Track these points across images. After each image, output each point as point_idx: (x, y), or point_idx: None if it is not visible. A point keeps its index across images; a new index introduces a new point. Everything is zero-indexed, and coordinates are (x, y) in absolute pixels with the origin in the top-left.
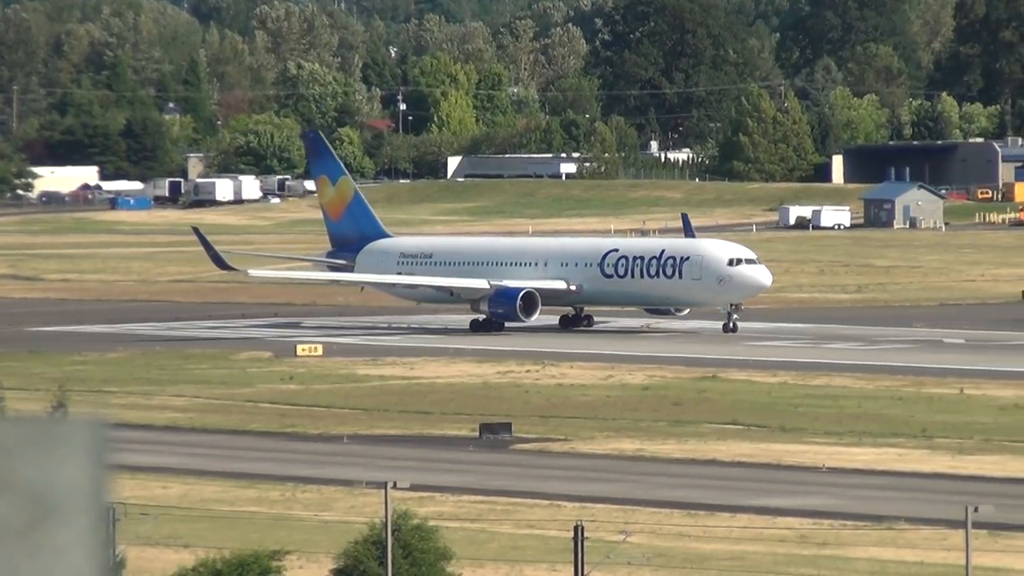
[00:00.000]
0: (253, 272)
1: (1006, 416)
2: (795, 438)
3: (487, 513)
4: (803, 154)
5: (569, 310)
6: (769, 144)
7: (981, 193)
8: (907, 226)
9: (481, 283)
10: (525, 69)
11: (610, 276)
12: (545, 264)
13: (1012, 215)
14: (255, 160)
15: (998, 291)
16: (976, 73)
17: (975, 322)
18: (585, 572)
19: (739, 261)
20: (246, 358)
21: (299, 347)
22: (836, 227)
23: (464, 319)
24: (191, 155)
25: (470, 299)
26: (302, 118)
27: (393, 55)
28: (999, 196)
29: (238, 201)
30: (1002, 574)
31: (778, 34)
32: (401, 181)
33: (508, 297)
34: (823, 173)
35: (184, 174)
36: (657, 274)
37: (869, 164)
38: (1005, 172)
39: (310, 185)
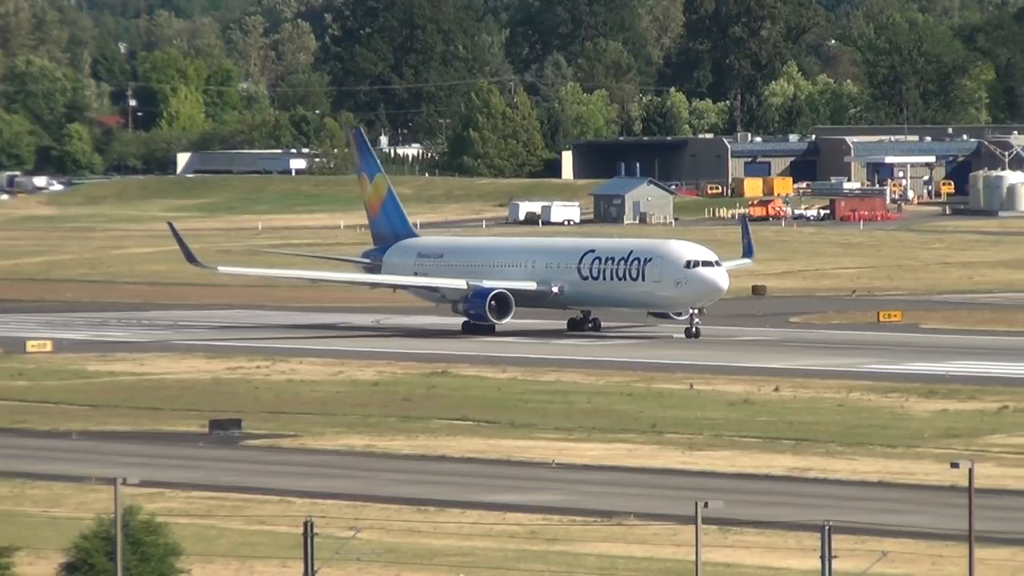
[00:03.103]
0: (223, 268)
1: (735, 411)
2: (525, 434)
3: (217, 509)
4: (533, 149)
5: (576, 313)
6: (499, 139)
7: (711, 188)
8: (637, 222)
9: (460, 283)
10: (255, 65)
11: (586, 278)
12: (533, 265)
13: (741, 210)
14: None
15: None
16: (706, 69)
17: (704, 317)
18: (315, 568)
19: (696, 263)
20: None
21: (29, 343)
22: (566, 223)
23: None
24: None
25: (453, 299)
26: (31, 114)
27: (123, 51)
28: (728, 191)
29: None
30: (732, 569)
31: (508, 29)
32: (131, 177)
33: (481, 298)
34: (553, 169)
35: None
36: (624, 276)
37: (599, 160)
38: (735, 168)
39: (39, 181)
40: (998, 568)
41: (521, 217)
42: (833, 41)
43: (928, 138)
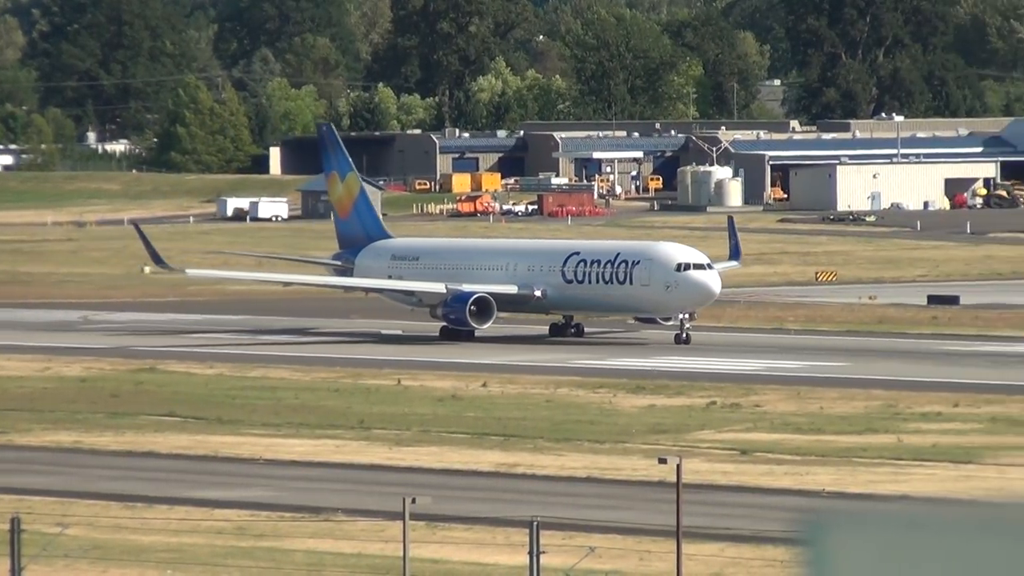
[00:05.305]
0: (191, 271)
1: (443, 407)
2: (233, 430)
3: None
4: (241, 145)
5: (558, 318)
6: (207, 135)
7: (419, 184)
8: None
9: (438, 287)
10: None
11: (570, 281)
12: (514, 268)
13: (450, 206)
14: None
15: None
16: (414, 64)
17: (412, 313)
18: (21, 565)
19: (687, 266)
20: None
21: None
22: (274, 219)
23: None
24: None
25: (431, 304)
26: None
27: None
28: (437, 187)
29: None
30: (440, 565)
31: (216, 25)
32: None
33: (461, 302)
34: (261, 164)
35: None
36: (611, 279)
37: (307, 155)
38: (443, 163)
39: None
40: (706, 563)
41: (229, 213)
42: (541, 37)
43: (636, 134)
